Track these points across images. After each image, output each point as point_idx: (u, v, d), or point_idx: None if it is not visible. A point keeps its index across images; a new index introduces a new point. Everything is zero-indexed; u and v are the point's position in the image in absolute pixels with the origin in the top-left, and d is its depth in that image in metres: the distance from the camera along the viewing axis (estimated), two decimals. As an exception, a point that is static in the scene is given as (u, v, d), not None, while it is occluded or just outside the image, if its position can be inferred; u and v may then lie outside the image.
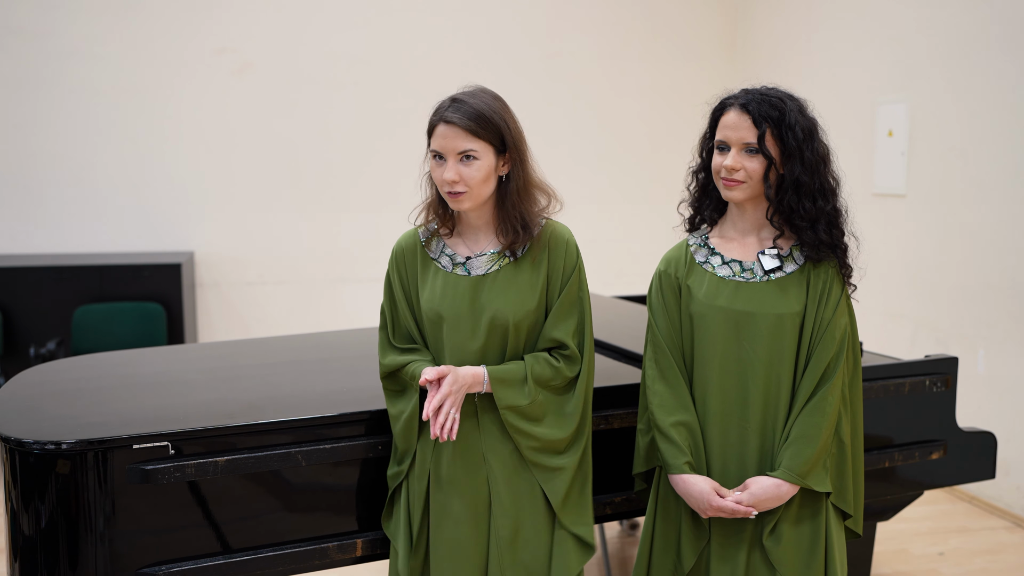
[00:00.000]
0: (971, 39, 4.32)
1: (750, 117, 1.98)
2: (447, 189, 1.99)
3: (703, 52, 6.23)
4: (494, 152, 2.00)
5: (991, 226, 4.24)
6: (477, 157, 1.97)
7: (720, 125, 2.04)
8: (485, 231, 2.09)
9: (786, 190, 1.99)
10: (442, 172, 1.98)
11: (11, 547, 2.08)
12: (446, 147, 1.97)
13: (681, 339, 2.09)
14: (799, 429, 1.98)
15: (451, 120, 1.96)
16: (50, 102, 5.23)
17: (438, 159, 2.00)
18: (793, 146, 1.96)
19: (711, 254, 2.10)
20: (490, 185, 2.01)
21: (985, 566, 3.68)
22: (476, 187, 1.98)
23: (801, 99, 2.05)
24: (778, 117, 1.97)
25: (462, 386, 1.98)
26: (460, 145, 1.96)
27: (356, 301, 5.69)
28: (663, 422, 2.05)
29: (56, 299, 4.89)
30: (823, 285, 2.02)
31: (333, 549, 2.21)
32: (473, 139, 1.96)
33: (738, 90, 2.06)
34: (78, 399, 2.39)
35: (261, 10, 5.47)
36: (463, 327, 2.04)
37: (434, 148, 2.00)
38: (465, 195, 1.98)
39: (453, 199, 2.00)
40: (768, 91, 2.02)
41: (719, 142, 2.04)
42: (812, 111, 2.05)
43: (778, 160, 1.99)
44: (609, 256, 5.95)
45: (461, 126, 1.95)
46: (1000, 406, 4.21)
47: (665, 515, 2.12)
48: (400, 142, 5.70)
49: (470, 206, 2.01)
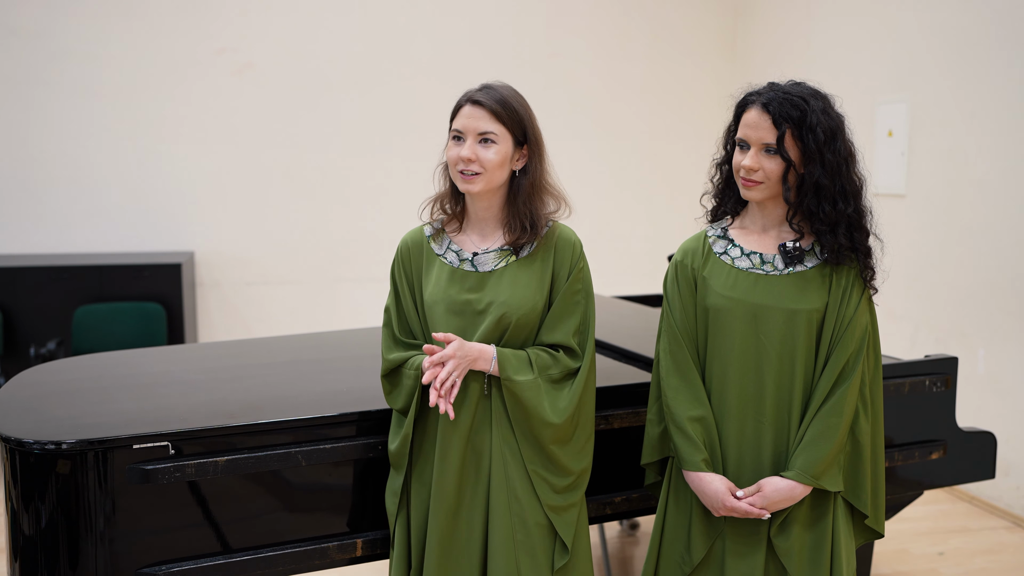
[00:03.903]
0: (971, 39, 4.33)
1: (770, 117, 1.95)
2: (461, 168, 2.00)
3: (703, 52, 6.23)
4: (513, 141, 2.02)
5: (991, 226, 4.24)
6: (496, 141, 1.99)
7: (742, 122, 2.01)
8: (493, 225, 2.09)
9: (806, 192, 1.96)
10: (459, 151, 2.00)
11: (11, 547, 2.08)
12: (468, 127, 2.00)
13: (696, 331, 2.08)
14: (815, 430, 1.97)
15: (478, 100, 2.01)
16: (50, 102, 5.23)
17: (457, 140, 2.02)
18: (813, 148, 1.93)
19: (731, 245, 2.08)
20: (503, 172, 2.02)
21: (985, 566, 3.68)
22: (490, 170, 1.99)
23: (828, 96, 2.01)
24: (799, 118, 1.94)
25: (467, 354, 1.97)
26: (482, 126, 1.99)
27: (356, 301, 5.70)
28: (679, 416, 2.03)
29: (56, 299, 4.89)
30: (846, 283, 2.01)
31: (333, 549, 2.21)
32: (495, 122, 1.99)
33: (763, 84, 2.03)
34: (78, 399, 2.38)
35: (261, 10, 5.47)
36: (466, 322, 2.04)
37: (456, 128, 2.03)
38: (478, 177, 1.99)
39: (465, 180, 2.01)
40: (792, 88, 1.98)
41: (739, 139, 2.02)
42: (839, 108, 2.01)
43: (798, 162, 1.96)
44: (609, 256, 5.95)
45: (487, 107, 1.99)
46: (1000, 406, 4.21)
47: (677, 505, 2.11)
48: (400, 142, 5.71)
49: (480, 189, 2.01)
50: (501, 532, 2.01)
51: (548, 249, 2.07)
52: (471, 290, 2.05)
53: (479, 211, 2.09)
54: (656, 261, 5.78)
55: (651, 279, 5.52)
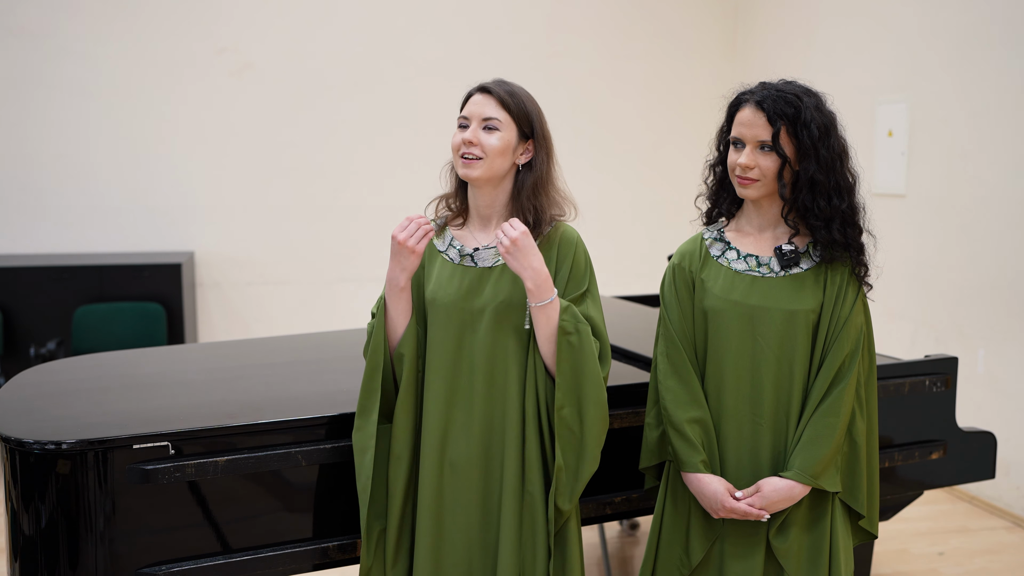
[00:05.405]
0: (971, 39, 4.33)
1: (765, 115, 1.96)
2: (462, 152, 2.01)
3: (703, 52, 6.23)
4: (517, 132, 2.04)
5: (991, 226, 4.24)
6: (499, 128, 2.01)
7: (736, 121, 2.02)
8: (496, 221, 2.09)
9: (801, 189, 1.97)
10: (462, 135, 2.02)
11: (11, 547, 2.08)
12: (474, 112, 2.03)
13: (694, 334, 2.08)
14: (813, 430, 1.98)
15: (487, 87, 2.05)
16: (50, 102, 5.23)
17: (463, 127, 2.05)
18: (808, 144, 1.95)
19: (727, 248, 2.09)
20: (505, 161, 2.03)
21: (985, 566, 3.68)
22: (491, 156, 2.00)
23: (820, 93, 2.02)
24: (793, 114, 1.95)
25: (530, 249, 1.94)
26: (487, 112, 2.02)
27: (356, 301, 5.69)
28: (678, 419, 2.04)
29: (56, 299, 4.89)
30: (840, 283, 2.01)
31: (333, 549, 2.21)
32: (501, 109, 2.02)
33: (755, 84, 2.04)
34: (78, 399, 2.38)
35: (261, 10, 5.47)
36: (465, 317, 2.04)
37: (463, 114, 2.05)
38: (478, 162, 2.00)
39: (465, 164, 2.01)
40: (784, 87, 2.00)
41: (734, 138, 2.02)
42: (831, 105, 2.03)
43: (793, 158, 1.97)
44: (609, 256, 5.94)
45: (495, 95, 2.03)
46: (1000, 406, 4.21)
47: (675, 508, 2.11)
48: (400, 142, 5.71)
49: (480, 175, 2.01)
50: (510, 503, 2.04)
51: (550, 248, 2.06)
52: (470, 287, 2.05)
53: (482, 206, 2.09)
54: (656, 261, 5.78)
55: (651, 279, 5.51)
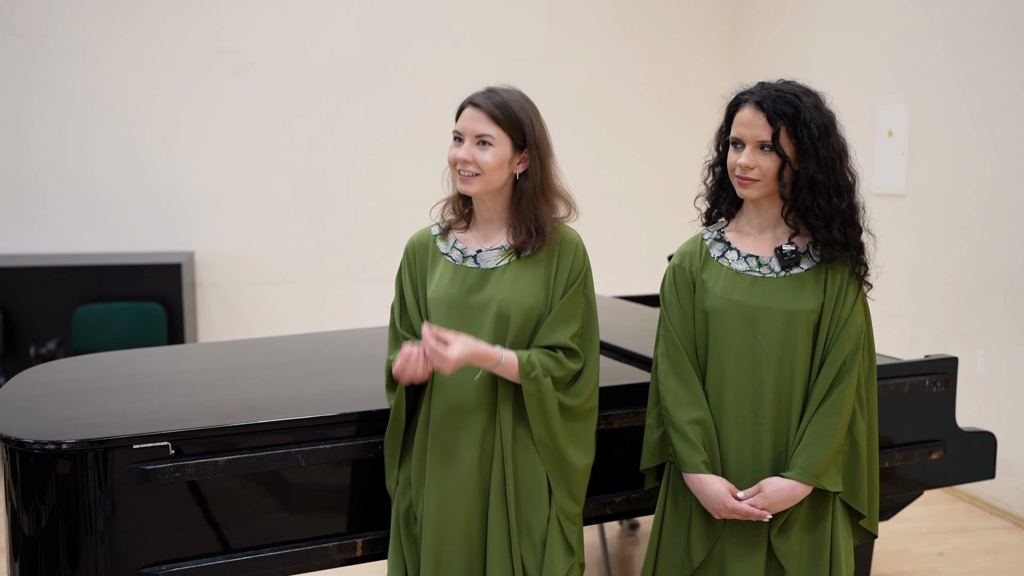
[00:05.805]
0: (971, 39, 4.33)
1: (764, 114, 1.96)
2: (458, 168, 2.04)
3: (703, 51, 6.23)
4: (511, 145, 2.04)
5: (991, 226, 4.24)
6: (492, 144, 2.02)
7: (735, 121, 2.02)
8: (498, 226, 2.11)
9: (801, 188, 1.97)
10: (457, 152, 2.04)
11: (11, 547, 2.08)
12: (466, 128, 2.04)
13: (694, 334, 2.08)
14: (814, 430, 1.98)
15: (477, 103, 2.04)
16: (50, 102, 5.23)
17: (458, 141, 2.06)
18: (808, 144, 1.94)
19: (728, 248, 2.09)
20: (501, 174, 2.04)
21: (985, 566, 3.68)
22: (487, 172, 2.01)
23: (818, 93, 2.02)
24: (793, 114, 1.95)
25: (474, 347, 1.96)
26: (479, 128, 2.02)
27: (356, 301, 5.70)
28: (678, 419, 2.04)
29: (56, 299, 4.89)
30: (840, 283, 2.01)
31: (333, 549, 2.21)
32: (493, 125, 2.02)
33: (754, 84, 2.04)
34: (78, 399, 2.38)
35: (261, 10, 5.47)
36: (467, 318, 2.05)
37: (456, 129, 2.06)
38: (475, 179, 2.03)
39: (463, 181, 2.04)
40: (784, 86, 2.00)
41: (733, 139, 2.02)
42: (830, 105, 2.03)
43: (793, 158, 1.97)
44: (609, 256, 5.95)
45: (485, 110, 2.02)
46: (1000, 406, 4.21)
47: (675, 508, 2.11)
48: (401, 142, 5.71)
49: (478, 190, 2.04)
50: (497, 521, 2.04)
51: (552, 250, 2.07)
52: (472, 287, 2.06)
53: (484, 212, 2.11)
54: (656, 261, 5.78)
55: (651, 279, 5.51)
